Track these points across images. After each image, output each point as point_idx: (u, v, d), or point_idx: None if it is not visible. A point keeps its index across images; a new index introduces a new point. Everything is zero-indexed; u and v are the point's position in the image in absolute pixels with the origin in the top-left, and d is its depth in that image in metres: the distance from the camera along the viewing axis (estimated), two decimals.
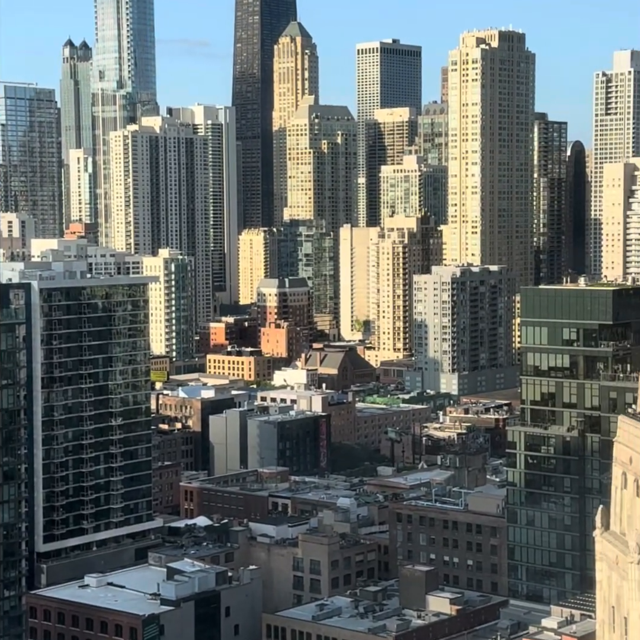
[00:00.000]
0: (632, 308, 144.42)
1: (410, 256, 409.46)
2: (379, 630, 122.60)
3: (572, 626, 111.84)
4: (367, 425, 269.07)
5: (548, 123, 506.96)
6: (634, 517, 52.82)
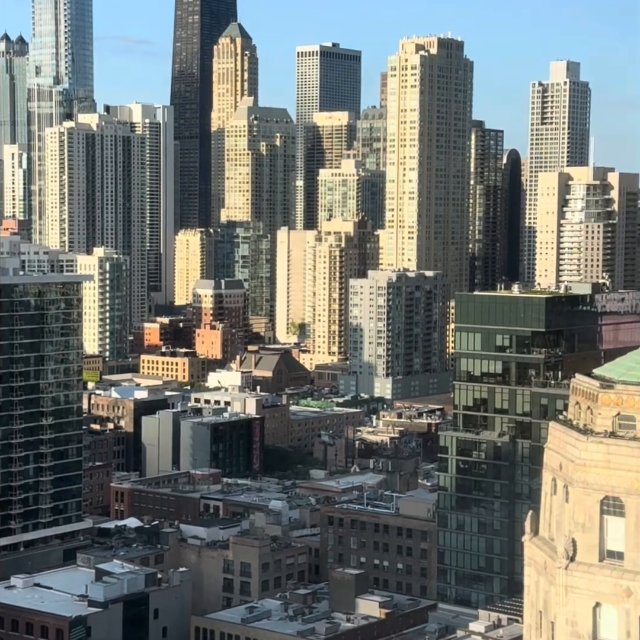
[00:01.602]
0: (564, 316, 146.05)
1: (347, 260, 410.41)
2: (308, 633, 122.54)
3: (499, 630, 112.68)
4: (301, 429, 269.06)
5: (485, 131, 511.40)
6: (562, 523, 53.28)
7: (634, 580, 49.93)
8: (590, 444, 51.59)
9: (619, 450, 50.82)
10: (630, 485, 50.35)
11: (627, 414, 51.43)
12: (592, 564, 51.17)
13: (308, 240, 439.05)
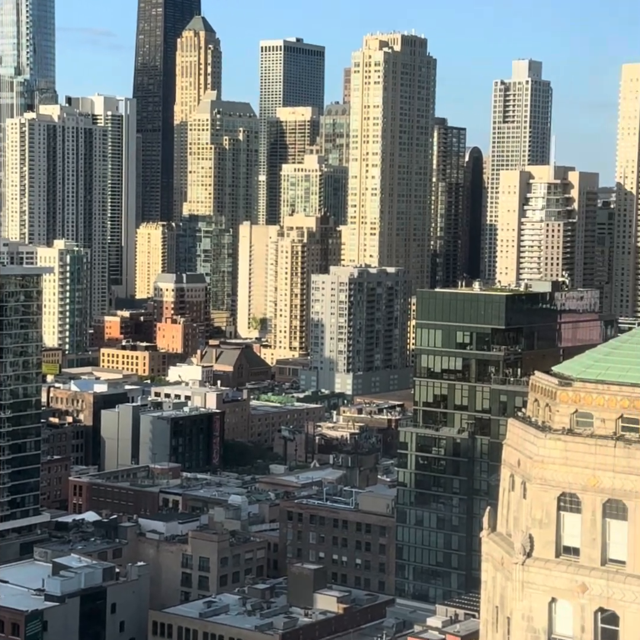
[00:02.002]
0: (524, 313, 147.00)
1: (309, 255, 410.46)
2: (265, 628, 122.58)
3: (456, 625, 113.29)
4: (261, 423, 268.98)
5: (447, 128, 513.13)
6: (520, 519, 53.67)
7: (589, 576, 50.42)
8: (548, 440, 52.01)
9: (577, 447, 51.27)
10: (587, 482, 50.82)
11: (585, 411, 51.89)
12: (548, 560, 51.61)
13: (270, 235, 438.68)
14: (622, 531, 50.32)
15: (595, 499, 50.70)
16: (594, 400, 51.78)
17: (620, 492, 50.16)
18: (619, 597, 49.74)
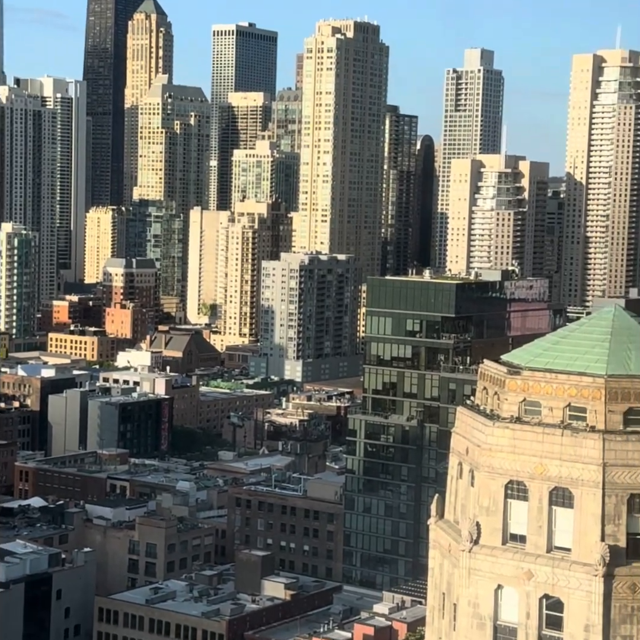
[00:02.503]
0: (474, 302, 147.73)
1: (260, 242, 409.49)
2: (212, 614, 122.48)
3: (403, 612, 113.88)
4: (210, 410, 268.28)
5: (399, 116, 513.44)
6: (467, 507, 53.86)
7: (535, 563, 50.74)
8: (496, 429, 52.19)
9: (524, 435, 51.51)
10: (534, 470, 51.09)
11: (533, 400, 52.12)
12: (495, 547, 51.86)
13: (221, 220, 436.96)
14: (568, 519, 50.69)
15: (542, 487, 50.98)
16: (542, 388, 52.03)
17: (567, 480, 50.48)
18: (564, 584, 50.12)
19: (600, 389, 50.74)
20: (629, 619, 49.49)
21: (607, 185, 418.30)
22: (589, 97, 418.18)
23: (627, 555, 49.70)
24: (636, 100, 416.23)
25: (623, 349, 52.61)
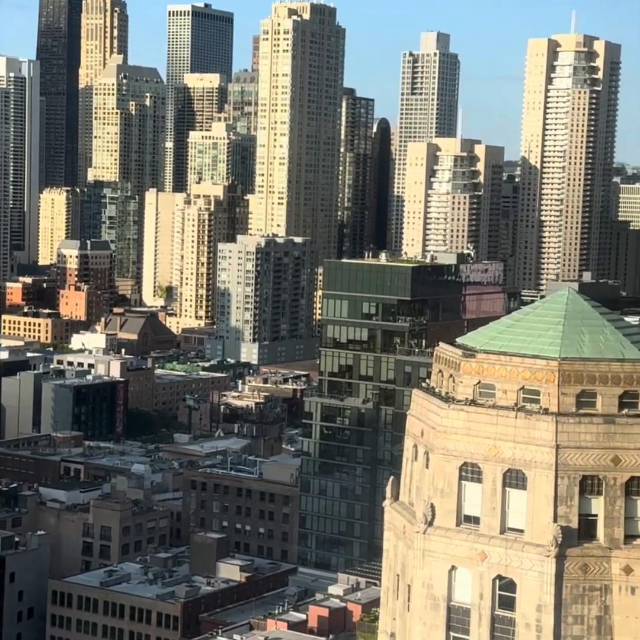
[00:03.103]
0: (430, 285, 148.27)
1: (216, 224, 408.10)
2: (167, 597, 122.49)
3: (358, 593, 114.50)
4: (166, 392, 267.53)
5: (356, 99, 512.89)
6: (422, 489, 54.16)
7: (488, 544, 51.16)
8: (451, 411, 52.50)
9: (479, 417, 51.86)
10: (488, 452, 51.46)
11: (488, 382, 52.46)
12: (449, 529, 52.22)
13: (177, 203, 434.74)
14: (521, 500, 51.13)
15: (495, 468, 51.38)
16: (497, 371, 52.38)
17: (520, 462, 50.90)
18: (516, 565, 50.59)
19: (553, 372, 51.17)
20: (580, 599, 50.09)
21: (562, 170, 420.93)
22: (543, 81, 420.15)
23: (579, 536, 50.27)
24: (590, 85, 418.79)
25: (576, 332, 53.07)
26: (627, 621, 49.83)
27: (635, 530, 50.50)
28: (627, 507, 50.33)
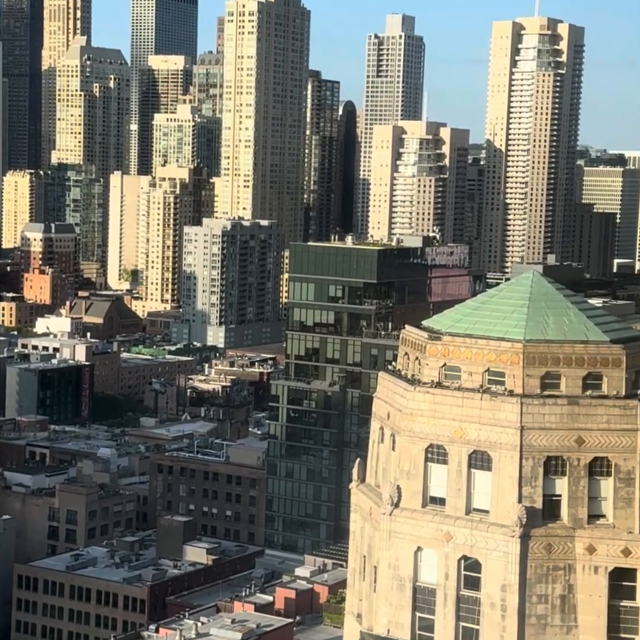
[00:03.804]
0: (396, 268, 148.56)
1: (182, 207, 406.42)
2: (134, 580, 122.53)
3: (324, 575, 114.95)
4: (132, 376, 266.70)
5: (321, 81, 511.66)
6: (388, 470, 54.43)
7: (454, 525, 51.54)
8: (417, 393, 52.75)
9: (444, 400, 52.15)
10: (453, 434, 51.78)
11: (453, 365, 52.74)
12: (415, 510, 52.54)
13: (142, 185, 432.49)
14: (486, 481, 51.50)
15: (461, 450, 51.72)
16: (462, 354, 52.67)
17: (486, 444, 51.26)
18: (482, 545, 51.00)
19: (518, 354, 51.52)
20: (544, 579, 50.60)
21: (526, 153, 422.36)
22: (508, 64, 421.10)
23: (543, 517, 50.72)
24: (554, 68, 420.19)
25: (541, 315, 53.42)
26: (591, 600, 50.40)
27: (598, 510, 51.05)
28: (591, 488, 50.84)
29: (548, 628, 50.42)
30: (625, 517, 50.54)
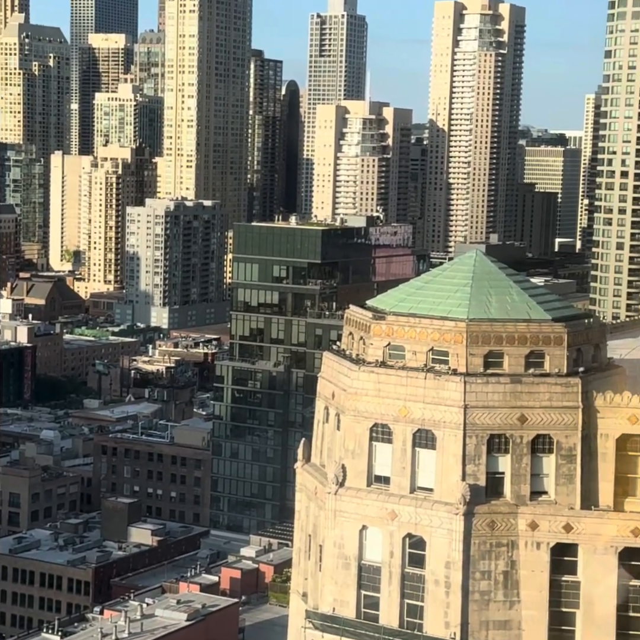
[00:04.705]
0: (340, 248, 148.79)
1: (124, 187, 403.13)
2: (78, 562, 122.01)
3: (270, 554, 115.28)
4: (75, 358, 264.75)
5: (264, 61, 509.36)
6: (333, 450, 54.60)
7: (398, 504, 51.84)
8: (361, 373, 52.89)
9: (389, 379, 52.34)
10: (398, 413, 52.03)
11: (397, 344, 52.92)
12: (360, 489, 52.76)
13: (83, 165, 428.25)
14: (430, 460, 51.84)
15: (405, 429, 52.00)
16: (406, 333, 52.87)
17: (430, 422, 51.57)
18: (426, 523, 51.36)
19: (461, 333, 51.83)
20: (487, 555, 51.11)
21: (469, 133, 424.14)
22: (450, 44, 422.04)
23: (487, 494, 51.17)
24: (496, 48, 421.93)
25: (484, 294, 53.75)
26: (533, 575, 51.02)
27: (540, 487, 51.61)
28: (533, 465, 51.38)
29: (491, 604, 50.97)
30: (567, 493, 51.16)
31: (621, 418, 51.17)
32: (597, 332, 54.27)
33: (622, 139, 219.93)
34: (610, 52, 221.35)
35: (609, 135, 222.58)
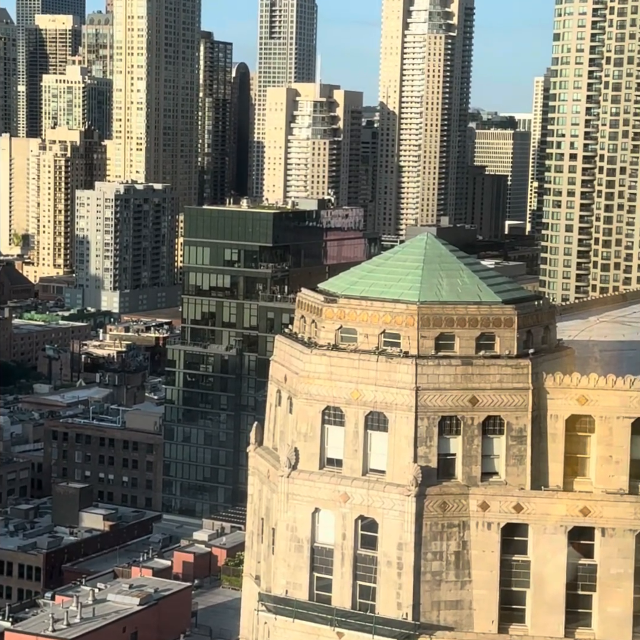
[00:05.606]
0: (291, 231, 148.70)
1: (73, 170, 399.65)
2: (29, 548, 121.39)
3: (222, 538, 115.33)
4: (24, 342, 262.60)
5: (214, 43, 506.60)
6: (286, 433, 54.69)
7: (351, 486, 52.04)
8: (313, 356, 52.96)
9: (341, 362, 52.44)
10: (350, 396, 52.17)
11: (349, 327, 53.01)
12: (312, 472, 52.89)
13: (31, 148, 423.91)
14: (382, 442, 52.06)
15: (357, 411, 52.16)
16: (358, 316, 52.98)
17: (382, 405, 51.77)
18: (378, 505, 51.61)
19: (413, 316, 52.01)
20: (439, 536, 51.47)
21: (419, 115, 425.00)
22: (400, 26, 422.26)
23: (438, 475, 51.49)
24: (445, 31, 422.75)
25: (435, 277, 53.96)
26: (484, 555, 51.47)
27: (491, 468, 52.03)
28: (484, 446, 51.75)
29: (443, 584, 51.38)
30: (517, 474, 51.62)
31: (570, 399, 51.67)
32: (547, 313, 54.70)
33: (570, 121, 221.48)
34: (558, 35, 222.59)
35: (558, 118, 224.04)
